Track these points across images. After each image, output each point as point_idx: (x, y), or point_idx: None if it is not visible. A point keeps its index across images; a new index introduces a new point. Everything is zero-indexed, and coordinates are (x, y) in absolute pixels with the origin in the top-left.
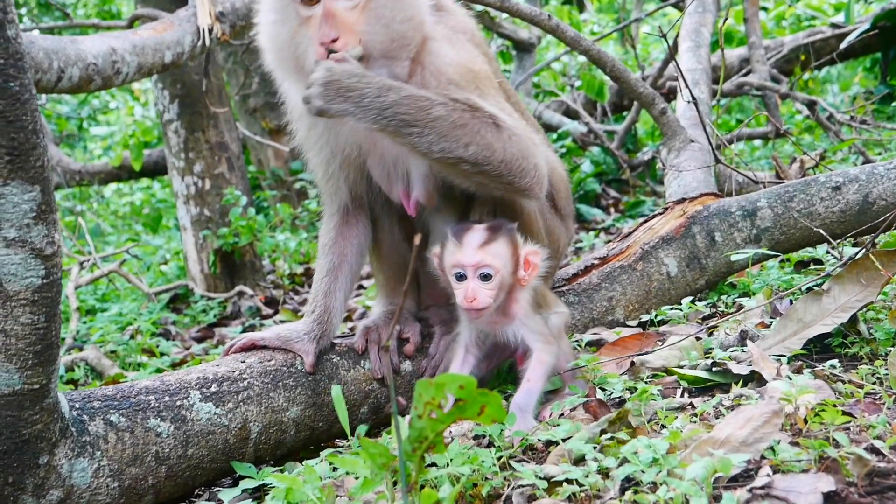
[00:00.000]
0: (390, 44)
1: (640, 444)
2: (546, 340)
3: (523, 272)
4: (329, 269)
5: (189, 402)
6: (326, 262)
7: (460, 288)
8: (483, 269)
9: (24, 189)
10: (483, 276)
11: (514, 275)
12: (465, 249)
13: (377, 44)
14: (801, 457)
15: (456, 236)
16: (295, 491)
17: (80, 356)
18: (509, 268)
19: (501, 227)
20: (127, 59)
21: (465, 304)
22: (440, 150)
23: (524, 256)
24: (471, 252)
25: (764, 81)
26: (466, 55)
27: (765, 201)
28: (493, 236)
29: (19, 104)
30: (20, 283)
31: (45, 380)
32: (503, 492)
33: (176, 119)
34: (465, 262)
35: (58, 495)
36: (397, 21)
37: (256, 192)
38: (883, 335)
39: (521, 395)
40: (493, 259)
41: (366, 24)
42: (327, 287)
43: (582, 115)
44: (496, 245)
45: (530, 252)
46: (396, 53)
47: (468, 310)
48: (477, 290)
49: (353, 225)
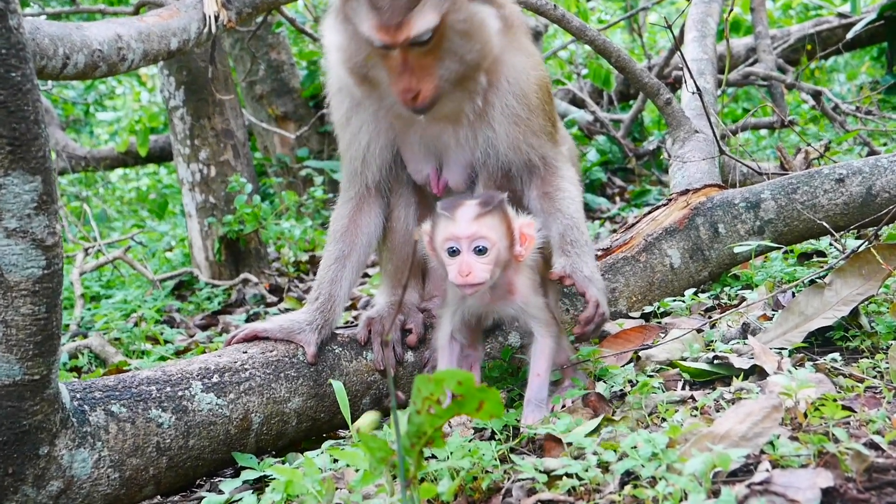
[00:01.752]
0: (464, 73)
1: (640, 438)
2: (548, 325)
3: (519, 247)
4: (338, 257)
5: (190, 393)
6: (336, 249)
7: (453, 263)
8: (478, 242)
9: (26, 179)
10: (478, 250)
11: (510, 249)
12: (458, 222)
13: (452, 77)
14: (801, 452)
15: (447, 210)
16: (295, 483)
17: (84, 343)
18: (505, 241)
19: (494, 199)
20: (133, 46)
21: (460, 279)
22: None
23: (519, 229)
24: (465, 224)
25: (770, 71)
26: (531, 62)
27: (768, 193)
28: (486, 208)
29: (21, 94)
30: (21, 274)
31: (46, 370)
32: (503, 485)
33: (182, 106)
34: (459, 235)
35: (58, 486)
36: (471, 53)
37: (262, 178)
38: (884, 329)
39: (534, 390)
40: (489, 231)
41: (440, 66)
42: (334, 275)
43: (588, 104)
44: (490, 217)
45: (525, 224)
46: (470, 75)
47: (462, 286)
48: (472, 263)
49: (367, 213)
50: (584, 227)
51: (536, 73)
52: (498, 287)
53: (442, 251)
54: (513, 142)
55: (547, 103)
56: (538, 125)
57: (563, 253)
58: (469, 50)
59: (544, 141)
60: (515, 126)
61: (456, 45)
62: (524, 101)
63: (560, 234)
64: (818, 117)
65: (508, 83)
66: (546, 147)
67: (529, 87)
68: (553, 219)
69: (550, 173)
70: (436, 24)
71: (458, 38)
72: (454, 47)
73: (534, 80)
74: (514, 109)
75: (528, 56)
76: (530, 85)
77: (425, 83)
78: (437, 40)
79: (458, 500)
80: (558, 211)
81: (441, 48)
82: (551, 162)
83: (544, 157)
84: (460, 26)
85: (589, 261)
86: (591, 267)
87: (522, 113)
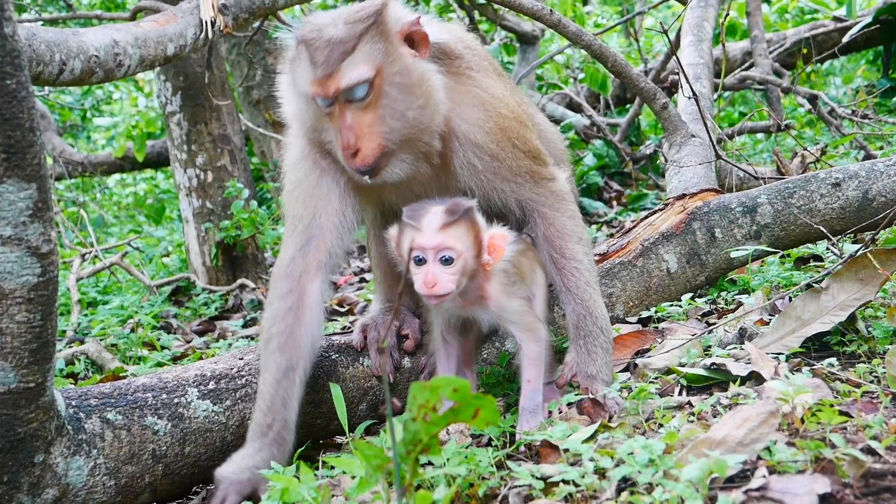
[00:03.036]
0: (410, 131)
1: (637, 444)
2: (530, 330)
3: (487, 256)
4: (285, 370)
5: (186, 400)
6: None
7: (419, 273)
8: (444, 253)
9: (21, 187)
10: (444, 260)
11: (477, 259)
12: (424, 232)
13: (397, 136)
14: (798, 458)
15: (414, 218)
16: (291, 490)
17: (81, 349)
18: (472, 251)
19: (461, 207)
20: (129, 52)
21: (425, 289)
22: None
23: (488, 239)
24: (431, 234)
25: (766, 75)
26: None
27: (765, 197)
28: (453, 218)
29: (16, 102)
30: (16, 282)
31: (41, 378)
32: (499, 492)
33: (178, 111)
34: (425, 245)
35: (53, 494)
36: (412, 109)
37: (259, 184)
38: (881, 333)
39: (527, 397)
40: (455, 241)
41: (381, 122)
42: (285, 394)
43: (585, 108)
44: (457, 227)
45: (495, 235)
46: (419, 137)
47: (428, 296)
48: (438, 274)
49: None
50: (597, 309)
51: (493, 121)
52: (469, 293)
53: (409, 260)
54: (484, 192)
55: (518, 141)
56: (507, 169)
57: (573, 346)
58: (410, 107)
59: (522, 181)
60: (482, 178)
61: (396, 102)
62: (481, 153)
63: (574, 325)
64: (814, 121)
65: (461, 141)
66: (525, 188)
67: (485, 138)
68: (566, 299)
69: (547, 224)
70: (368, 76)
71: (396, 93)
72: (394, 104)
73: (490, 129)
74: (472, 163)
75: (481, 105)
76: (486, 136)
77: (365, 141)
78: (375, 96)
79: None
80: (569, 291)
81: (380, 104)
82: (540, 204)
83: (529, 200)
84: (398, 80)
85: (598, 356)
86: (600, 363)
87: (480, 164)
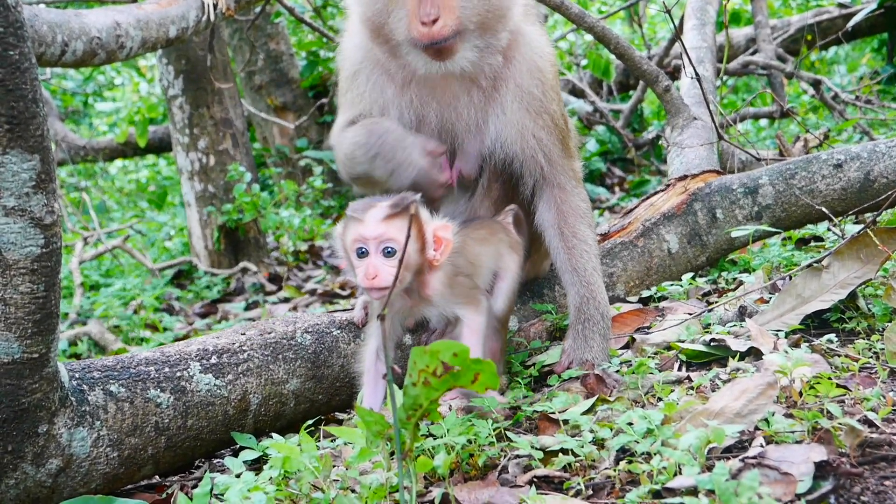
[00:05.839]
0: (486, 15)
1: (635, 414)
2: (472, 301)
3: (433, 251)
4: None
5: (189, 374)
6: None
7: (361, 265)
8: (386, 244)
9: (24, 158)
10: (386, 252)
11: (422, 253)
12: (366, 223)
13: (474, 16)
14: (795, 428)
15: (357, 211)
16: (292, 460)
17: (84, 331)
18: (416, 244)
19: (405, 200)
20: (131, 34)
21: (366, 282)
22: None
23: (433, 232)
24: (373, 225)
25: (769, 61)
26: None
27: (766, 178)
28: (396, 209)
29: (19, 73)
30: (19, 252)
31: (45, 349)
32: (499, 462)
33: (180, 95)
34: (367, 236)
35: (57, 464)
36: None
37: (261, 169)
38: (881, 311)
39: None
40: (398, 233)
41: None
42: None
43: (588, 94)
44: (400, 219)
45: (439, 227)
46: (493, 25)
47: (369, 289)
48: (379, 266)
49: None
50: (599, 294)
51: (550, 49)
52: (412, 290)
53: (351, 252)
54: (520, 129)
55: (557, 108)
56: (549, 115)
57: (572, 331)
58: None
59: (554, 140)
60: (526, 112)
61: None
62: (538, 77)
63: (576, 307)
64: (818, 107)
65: (524, 57)
66: (555, 150)
67: (545, 63)
68: (570, 279)
69: (563, 198)
70: None
71: None
72: None
73: (548, 56)
74: (527, 88)
75: (546, 43)
76: (545, 62)
77: (446, 12)
78: None
79: (455, 476)
80: (575, 271)
81: None
82: (560, 177)
83: (552, 164)
84: None
85: (595, 343)
86: (596, 350)
87: (536, 90)
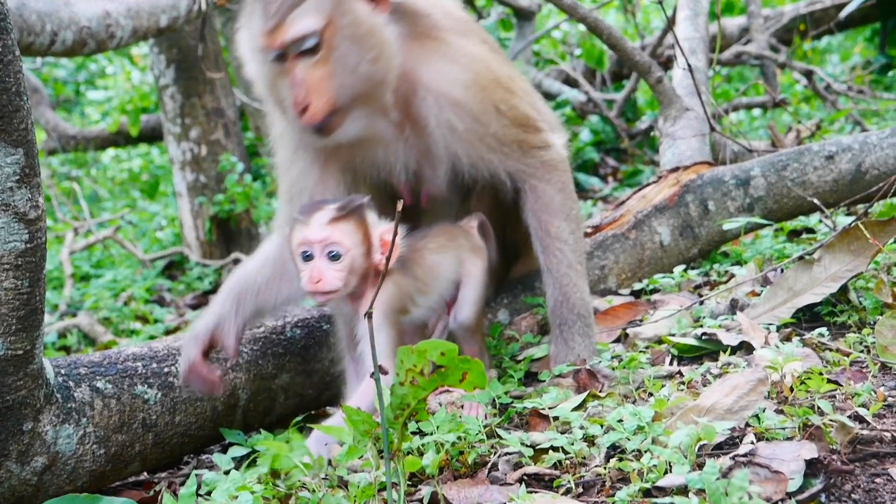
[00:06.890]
0: (361, 88)
1: (626, 411)
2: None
3: (379, 255)
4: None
5: (177, 369)
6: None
7: (306, 269)
8: (331, 248)
9: (7, 152)
10: (331, 256)
11: (367, 257)
12: (311, 226)
13: (348, 92)
14: (786, 424)
15: (303, 214)
16: (281, 457)
17: (73, 323)
18: (361, 248)
19: (351, 204)
20: (121, 23)
21: (310, 285)
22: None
23: (379, 236)
24: (318, 229)
25: (762, 51)
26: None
27: (758, 170)
28: (341, 213)
29: (2, 65)
30: (3, 248)
31: (30, 345)
32: (489, 459)
33: (172, 84)
34: (311, 239)
35: (42, 462)
36: (364, 62)
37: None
38: (872, 304)
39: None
40: (343, 236)
41: (332, 77)
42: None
43: (581, 84)
44: (346, 222)
45: (385, 230)
46: (372, 93)
47: (313, 293)
48: (324, 270)
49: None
50: (574, 295)
51: (471, 78)
52: (356, 295)
53: (297, 256)
54: (470, 160)
55: (503, 105)
56: (492, 137)
57: (552, 336)
58: (361, 60)
59: (510, 151)
60: (464, 143)
61: (347, 56)
62: (460, 112)
63: (551, 311)
64: (810, 97)
65: (433, 94)
66: (513, 158)
67: (464, 94)
68: (546, 280)
69: (535, 197)
70: (316, 27)
71: (348, 46)
72: (345, 58)
73: (468, 84)
74: (451, 123)
75: (453, 61)
76: (465, 92)
77: (315, 97)
78: (327, 49)
79: (444, 474)
80: (549, 272)
81: (331, 59)
82: (527, 175)
83: (519, 171)
84: (349, 32)
85: (576, 343)
86: (579, 349)
87: (461, 125)
